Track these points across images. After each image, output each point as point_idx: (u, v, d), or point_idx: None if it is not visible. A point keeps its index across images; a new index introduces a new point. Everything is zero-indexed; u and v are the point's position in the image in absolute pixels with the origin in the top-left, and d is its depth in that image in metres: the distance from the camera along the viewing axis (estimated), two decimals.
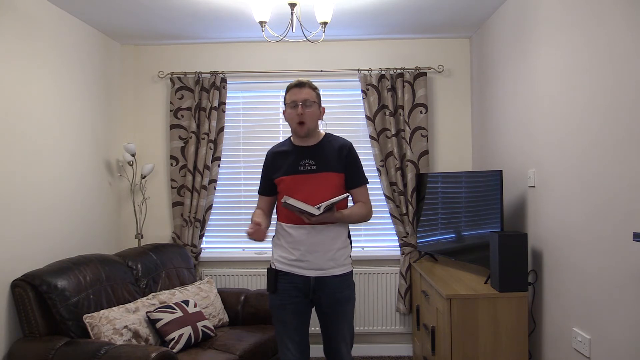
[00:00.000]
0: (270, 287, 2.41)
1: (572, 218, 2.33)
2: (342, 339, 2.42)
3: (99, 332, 2.62)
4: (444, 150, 4.02)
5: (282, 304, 2.38)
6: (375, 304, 3.95)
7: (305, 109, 2.35)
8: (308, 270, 2.35)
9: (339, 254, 2.38)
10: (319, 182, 2.35)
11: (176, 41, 3.96)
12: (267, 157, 2.51)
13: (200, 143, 3.88)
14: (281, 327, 2.40)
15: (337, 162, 2.39)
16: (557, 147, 2.47)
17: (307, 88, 2.39)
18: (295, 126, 2.38)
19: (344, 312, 2.41)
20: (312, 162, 2.37)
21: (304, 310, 2.41)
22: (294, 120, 2.37)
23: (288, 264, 2.37)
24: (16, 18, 2.77)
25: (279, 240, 2.43)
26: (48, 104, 3.04)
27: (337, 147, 2.42)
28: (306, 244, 2.33)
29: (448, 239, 3.44)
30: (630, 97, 1.88)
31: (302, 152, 2.40)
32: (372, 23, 3.61)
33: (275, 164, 2.45)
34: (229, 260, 4.01)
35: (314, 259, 2.33)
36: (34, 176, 2.89)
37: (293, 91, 2.38)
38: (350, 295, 2.44)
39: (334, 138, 2.48)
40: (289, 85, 2.43)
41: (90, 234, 3.48)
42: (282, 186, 2.40)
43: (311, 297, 2.38)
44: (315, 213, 2.21)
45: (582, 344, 2.23)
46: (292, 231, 2.36)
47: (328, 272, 2.35)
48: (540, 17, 2.67)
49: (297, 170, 2.37)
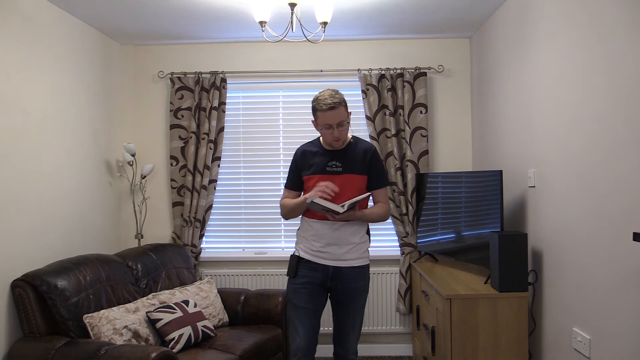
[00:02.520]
0: (290, 271, 2.57)
1: (572, 218, 2.33)
2: (352, 327, 2.58)
3: (99, 332, 2.62)
4: (444, 150, 4.02)
5: (298, 288, 2.53)
6: (375, 304, 3.95)
7: (340, 129, 2.47)
8: (328, 261, 2.52)
9: (357, 248, 2.55)
10: (344, 183, 2.51)
11: (176, 41, 3.96)
12: (297, 154, 2.66)
13: (200, 143, 3.88)
14: (294, 310, 2.54)
15: (361, 165, 2.56)
16: (557, 147, 2.47)
17: (339, 108, 2.44)
18: (332, 142, 2.53)
19: (357, 302, 2.57)
20: (339, 164, 2.54)
21: (318, 298, 2.56)
22: (329, 138, 2.51)
23: (310, 253, 2.55)
24: (16, 18, 2.77)
25: (304, 233, 2.60)
26: (48, 104, 3.04)
27: (362, 151, 2.58)
28: (327, 237, 2.51)
29: (448, 239, 3.44)
30: (630, 97, 1.87)
31: (330, 154, 2.57)
32: (372, 23, 3.61)
33: (305, 162, 2.60)
34: (229, 260, 4.01)
35: (333, 250, 2.51)
36: (34, 176, 2.89)
37: (326, 115, 2.43)
38: (365, 287, 2.60)
39: (360, 142, 2.64)
40: (319, 105, 2.43)
41: (90, 234, 3.48)
42: (310, 184, 2.55)
43: (328, 285, 2.54)
44: (340, 211, 2.37)
45: (582, 344, 2.23)
46: (316, 225, 2.53)
47: (346, 263, 2.52)
48: (540, 17, 2.67)
49: (324, 171, 2.54)
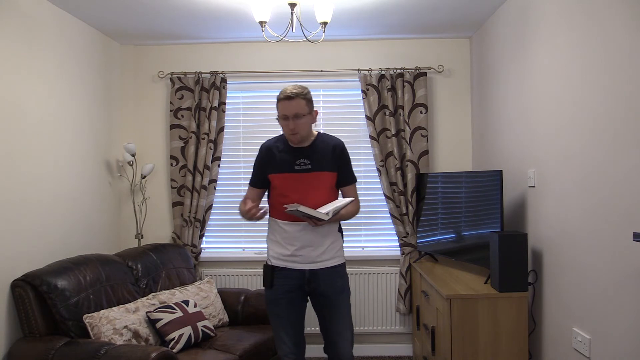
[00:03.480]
0: (266, 282, 2.51)
1: (572, 218, 2.33)
2: (339, 332, 2.48)
3: (99, 332, 2.62)
4: (444, 150, 4.02)
5: (276, 298, 2.48)
6: (375, 304, 3.95)
7: (296, 121, 2.39)
8: (302, 264, 2.46)
9: (331, 247, 2.49)
10: (314, 181, 2.44)
11: (176, 41, 3.96)
12: (262, 150, 2.56)
13: (200, 143, 3.88)
14: (277, 321, 2.49)
15: (330, 161, 2.48)
16: (557, 147, 2.47)
17: (297, 100, 2.38)
18: (289, 136, 2.44)
19: (338, 303, 2.49)
20: (307, 162, 2.45)
21: (298, 304, 2.50)
22: (286, 130, 2.44)
23: (283, 259, 2.47)
24: (16, 18, 2.77)
25: (274, 236, 2.52)
26: (48, 103, 3.04)
27: (330, 147, 2.50)
28: (300, 240, 2.44)
29: (448, 239, 3.44)
30: (630, 97, 1.87)
31: (297, 152, 2.48)
32: (372, 23, 3.61)
33: (270, 160, 2.51)
34: (229, 260, 4.01)
35: (307, 252, 2.44)
36: (34, 176, 2.89)
37: (283, 104, 2.40)
38: (343, 286, 2.53)
39: (327, 137, 2.56)
40: (278, 96, 2.42)
41: (90, 233, 3.48)
42: (277, 183, 2.48)
43: (306, 288, 2.47)
44: (325, 219, 2.32)
45: (582, 344, 2.23)
46: (287, 227, 2.45)
47: (321, 264, 2.47)
48: (540, 17, 2.67)
49: (292, 169, 2.46)
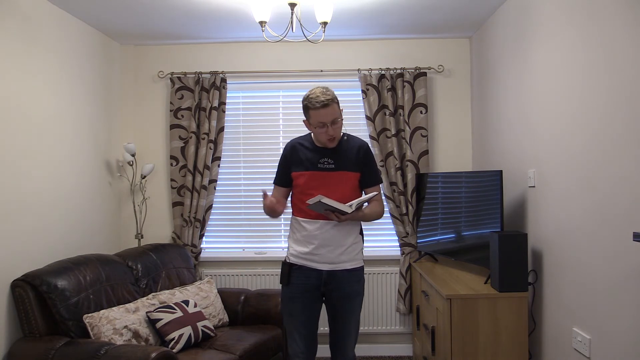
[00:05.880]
0: (283, 279, 2.47)
1: (572, 218, 2.33)
2: (348, 333, 2.50)
3: (99, 332, 2.62)
4: (444, 150, 4.02)
5: (293, 296, 2.46)
6: (375, 304, 3.95)
7: (334, 127, 2.37)
8: (320, 264, 2.41)
9: (350, 249, 2.44)
10: (337, 180, 2.42)
11: (176, 41, 3.96)
12: (287, 148, 2.54)
13: (200, 143, 3.88)
14: (290, 319, 2.48)
15: (354, 162, 2.46)
16: (557, 147, 2.47)
17: (332, 105, 2.34)
18: (326, 142, 2.42)
19: (352, 307, 2.48)
20: (331, 161, 2.44)
21: (313, 305, 2.47)
22: (323, 137, 2.39)
23: (301, 257, 2.44)
24: (16, 18, 2.77)
25: (294, 234, 2.49)
26: (48, 103, 3.04)
27: (354, 148, 2.48)
28: (320, 238, 2.40)
29: (448, 239, 3.44)
30: (630, 96, 1.87)
31: (322, 151, 2.46)
32: (372, 23, 3.60)
33: (295, 158, 2.49)
34: (229, 260, 4.01)
35: (326, 252, 2.40)
36: (34, 176, 2.89)
37: (319, 113, 2.32)
38: (359, 290, 2.50)
39: (352, 138, 2.54)
40: (311, 103, 2.33)
41: (90, 234, 3.48)
42: (300, 181, 2.45)
43: (322, 290, 2.44)
44: (348, 211, 2.28)
45: (582, 344, 2.23)
46: (307, 225, 2.42)
47: (339, 265, 2.42)
48: (540, 17, 2.67)
49: (316, 167, 2.43)
